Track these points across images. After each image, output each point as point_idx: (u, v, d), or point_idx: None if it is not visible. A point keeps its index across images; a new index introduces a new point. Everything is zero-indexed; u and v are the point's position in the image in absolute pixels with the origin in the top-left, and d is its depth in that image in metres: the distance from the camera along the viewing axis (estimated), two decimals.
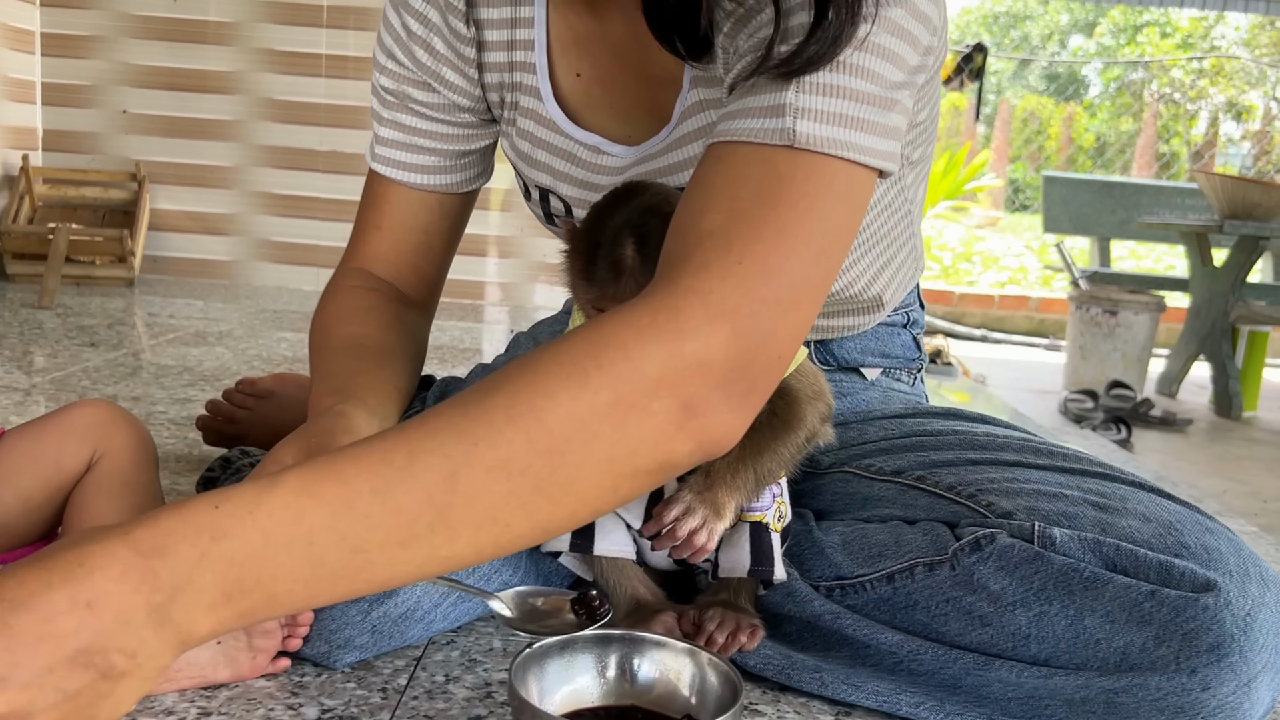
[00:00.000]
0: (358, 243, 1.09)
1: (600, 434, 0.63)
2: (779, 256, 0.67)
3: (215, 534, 0.57)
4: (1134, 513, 0.86)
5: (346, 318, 1.02)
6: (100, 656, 0.54)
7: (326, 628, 0.89)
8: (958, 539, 0.90)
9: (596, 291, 0.85)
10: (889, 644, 0.92)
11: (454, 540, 0.62)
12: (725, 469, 0.88)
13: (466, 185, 1.11)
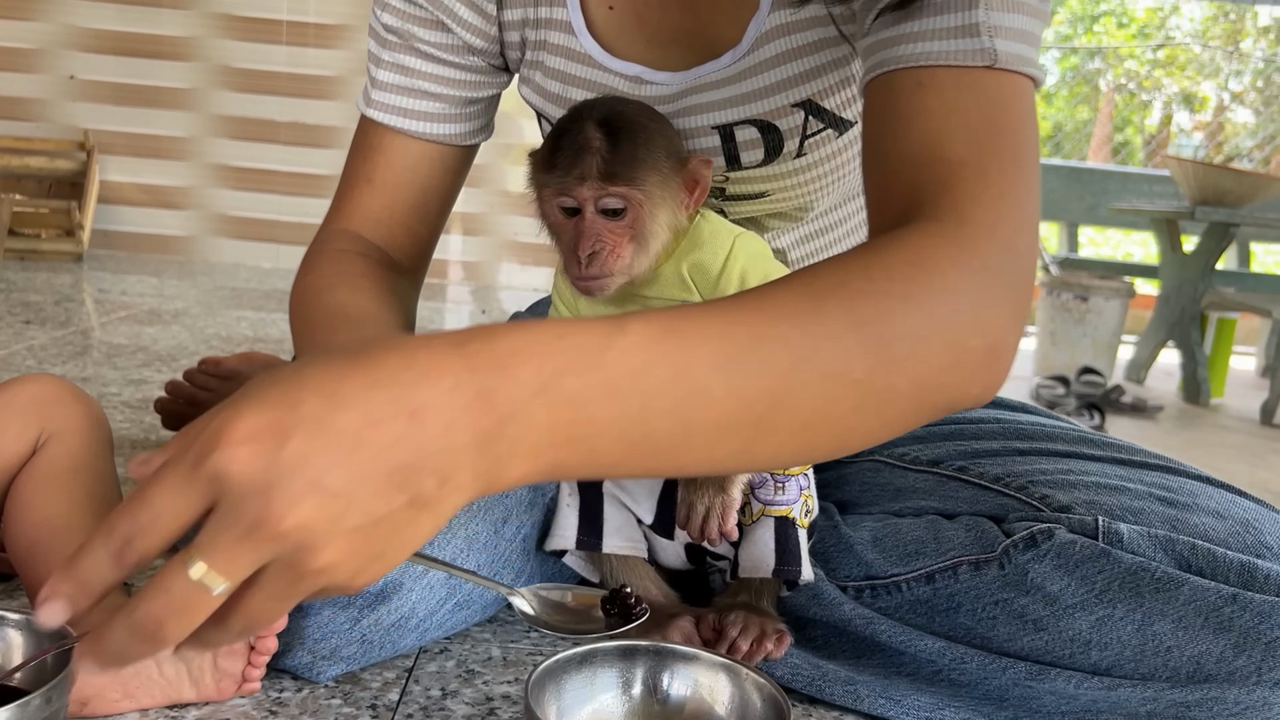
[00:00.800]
0: (346, 200, 0.98)
1: (927, 361, 0.60)
2: (1024, 186, 0.67)
3: (559, 367, 0.50)
4: (1206, 509, 0.79)
5: (334, 284, 0.92)
6: (414, 477, 0.47)
7: (310, 636, 0.80)
8: (1007, 535, 0.83)
9: (560, 175, 0.78)
10: (928, 651, 0.84)
11: (769, 438, 0.58)
12: None
13: (470, 138, 1.01)
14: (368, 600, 0.80)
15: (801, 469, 0.88)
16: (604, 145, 0.77)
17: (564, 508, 0.91)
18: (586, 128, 0.77)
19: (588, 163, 0.76)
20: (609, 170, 0.77)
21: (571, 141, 0.77)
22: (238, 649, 0.78)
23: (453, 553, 0.84)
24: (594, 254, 0.78)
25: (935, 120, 0.69)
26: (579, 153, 0.77)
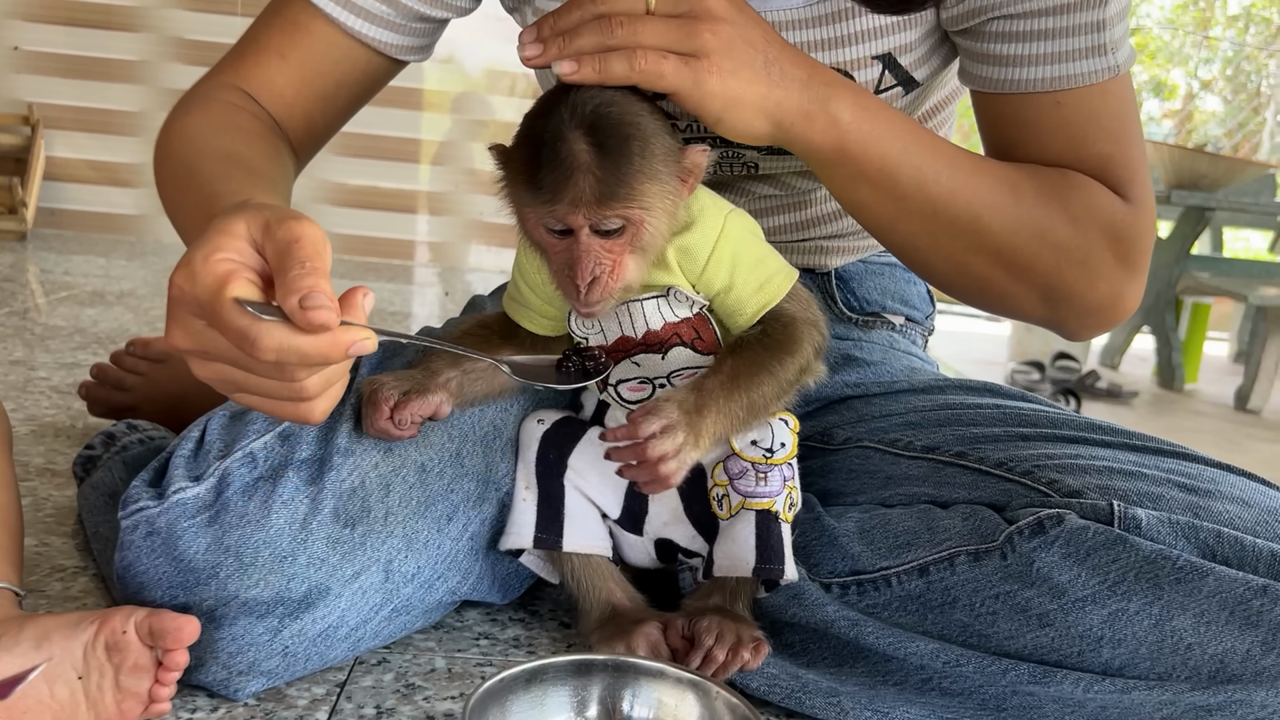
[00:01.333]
0: (247, 62, 0.89)
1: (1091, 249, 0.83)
2: (1143, 161, 0.85)
3: (868, 100, 0.77)
4: (1229, 496, 0.72)
5: (226, 130, 0.83)
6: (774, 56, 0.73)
7: (224, 649, 0.70)
8: (1010, 523, 0.75)
9: (548, 199, 0.67)
10: (919, 655, 0.76)
11: (962, 235, 0.81)
12: (719, 388, 0.71)
13: (407, 53, 0.92)
14: (289, 608, 0.71)
15: (785, 458, 0.79)
16: (595, 160, 0.66)
17: (520, 502, 0.82)
18: (571, 139, 0.66)
19: (579, 185, 0.66)
20: (604, 192, 0.66)
21: (556, 157, 0.66)
22: (143, 664, 0.68)
23: (389, 554, 0.75)
24: (594, 279, 0.68)
25: (1076, 130, 0.82)
26: (568, 172, 0.66)
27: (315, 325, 0.55)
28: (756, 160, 0.91)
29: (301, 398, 0.60)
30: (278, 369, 0.57)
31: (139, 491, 0.73)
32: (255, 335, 0.55)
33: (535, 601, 0.94)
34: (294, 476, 0.73)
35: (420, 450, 0.78)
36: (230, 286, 0.56)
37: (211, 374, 0.61)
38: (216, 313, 0.56)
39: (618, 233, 0.68)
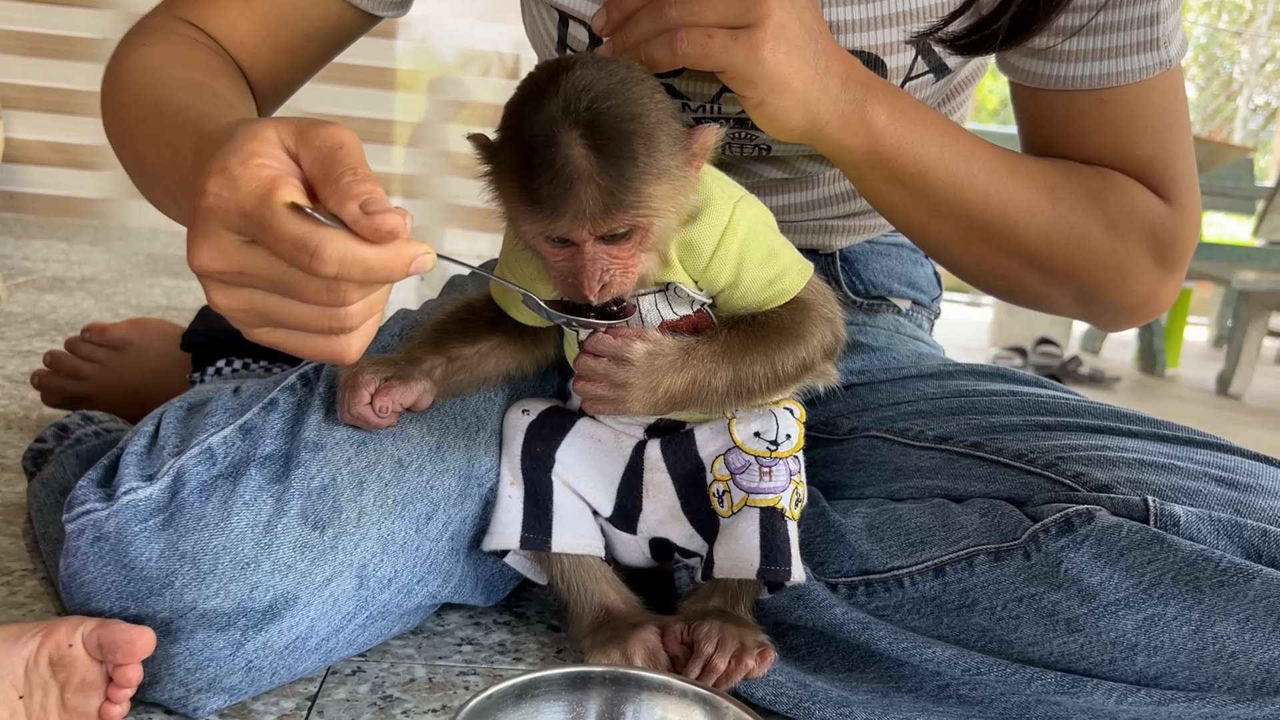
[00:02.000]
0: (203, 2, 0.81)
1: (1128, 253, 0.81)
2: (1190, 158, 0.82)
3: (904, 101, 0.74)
4: (1272, 491, 0.67)
5: (192, 65, 0.76)
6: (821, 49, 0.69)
7: (181, 665, 0.64)
8: (1034, 519, 0.70)
9: (547, 214, 0.60)
10: (935, 661, 0.71)
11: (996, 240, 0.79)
12: (706, 359, 0.66)
13: (379, 7, 0.85)
14: (253, 620, 0.64)
15: (791, 451, 0.74)
16: (596, 168, 0.59)
17: (505, 499, 0.76)
18: (567, 144, 0.58)
19: (581, 198, 0.59)
20: (610, 202, 0.59)
21: (552, 166, 0.59)
22: (91, 680, 0.62)
23: (363, 558, 0.69)
24: (604, 285, 0.63)
25: (1119, 129, 0.80)
26: (567, 184, 0.59)
27: (384, 231, 0.49)
28: (770, 142, 0.86)
29: (343, 327, 0.53)
30: (329, 290, 0.51)
31: (86, 492, 0.66)
32: (318, 243, 0.48)
33: (521, 603, 0.89)
34: (257, 474, 0.67)
35: (397, 444, 0.72)
36: (279, 191, 0.50)
37: (238, 302, 0.53)
38: (266, 221, 0.49)
39: (625, 237, 0.62)
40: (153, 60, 0.76)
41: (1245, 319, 3.74)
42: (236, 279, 0.52)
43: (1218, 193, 4.31)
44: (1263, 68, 8.05)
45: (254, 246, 0.51)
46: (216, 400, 0.72)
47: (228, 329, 1.18)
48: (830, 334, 0.71)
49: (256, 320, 0.54)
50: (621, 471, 0.75)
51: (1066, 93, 0.80)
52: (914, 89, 0.82)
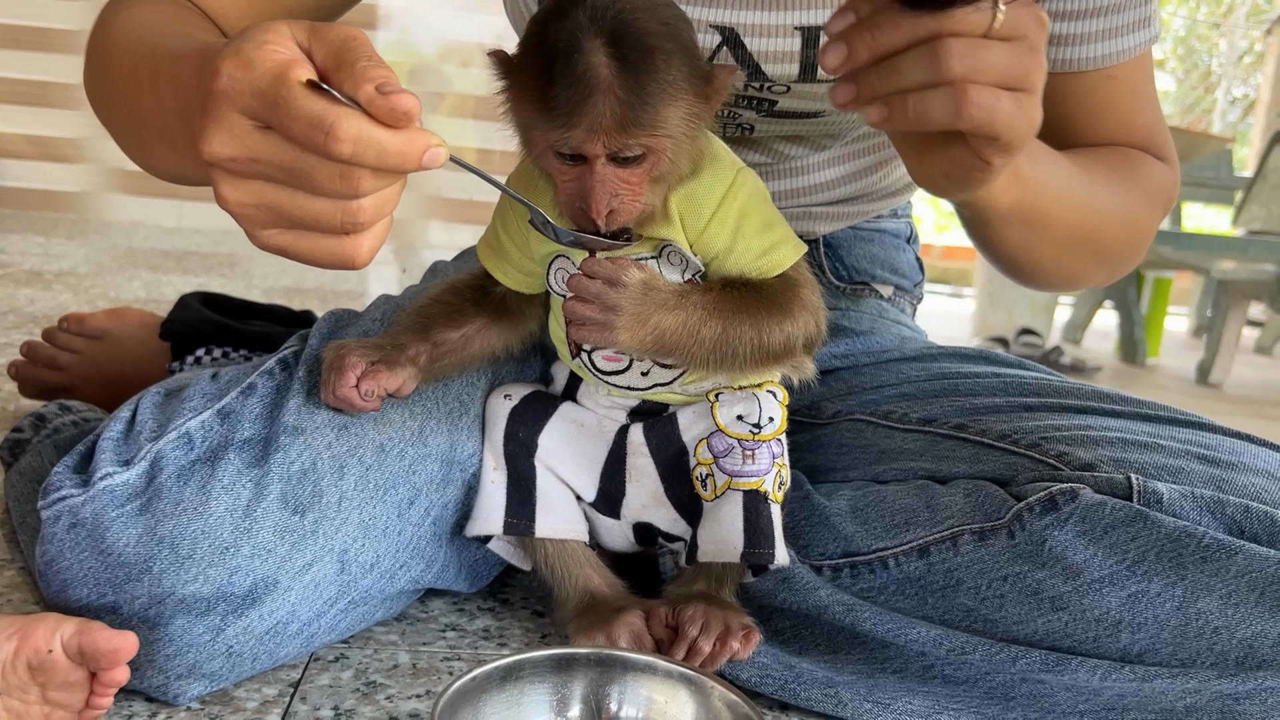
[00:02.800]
0: None
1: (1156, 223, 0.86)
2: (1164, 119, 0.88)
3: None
4: (1254, 468, 0.67)
5: (180, 19, 0.75)
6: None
7: (161, 652, 0.63)
8: (1018, 498, 0.70)
9: (561, 123, 0.59)
10: (920, 641, 0.71)
11: (1083, 248, 0.81)
12: (700, 299, 0.65)
13: None
14: (232, 605, 0.64)
15: (774, 434, 0.73)
16: (617, 79, 0.58)
17: (488, 484, 0.75)
18: (590, 53, 0.58)
19: (599, 108, 0.58)
20: (627, 116, 0.59)
21: (572, 73, 0.58)
22: (74, 680, 0.60)
23: (344, 542, 0.68)
24: (611, 211, 0.62)
25: (1125, 104, 0.84)
26: (586, 92, 0.58)
27: (399, 112, 0.48)
28: (753, 122, 0.85)
29: (355, 222, 0.51)
30: (342, 176, 0.49)
31: (61, 478, 0.65)
32: (334, 120, 0.47)
33: (505, 589, 0.88)
34: (235, 459, 0.66)
35: (379, 429, 0.71)
36: (295, 70, 0.49)
37: (247, 196, 0.52)
38: (281, 99, 0.48)
39: (636, 161, 0.61)
40: (144, 16, 0.75)
41: (1225, 308, 3.76)
42: (247, 167, 0.51)
43: (1197, 183, 4.34)
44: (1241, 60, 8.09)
45: (267, 132, 0.50)
46: (194, 385, 0.72)
47: (207, 318, 1.18)
48: (813, 323, 0.70)
49: (266, 218, 0.52)
50: (604, 456, 0.75)
51: (1076, 74, 0.82)
52: None
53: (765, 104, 0.82)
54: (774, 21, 0.77)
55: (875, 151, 0.96)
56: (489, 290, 0.74)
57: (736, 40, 0.78)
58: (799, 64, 0.78)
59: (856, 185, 0.97)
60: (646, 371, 0.72)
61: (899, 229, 1.03)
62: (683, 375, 0.73)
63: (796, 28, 0.77)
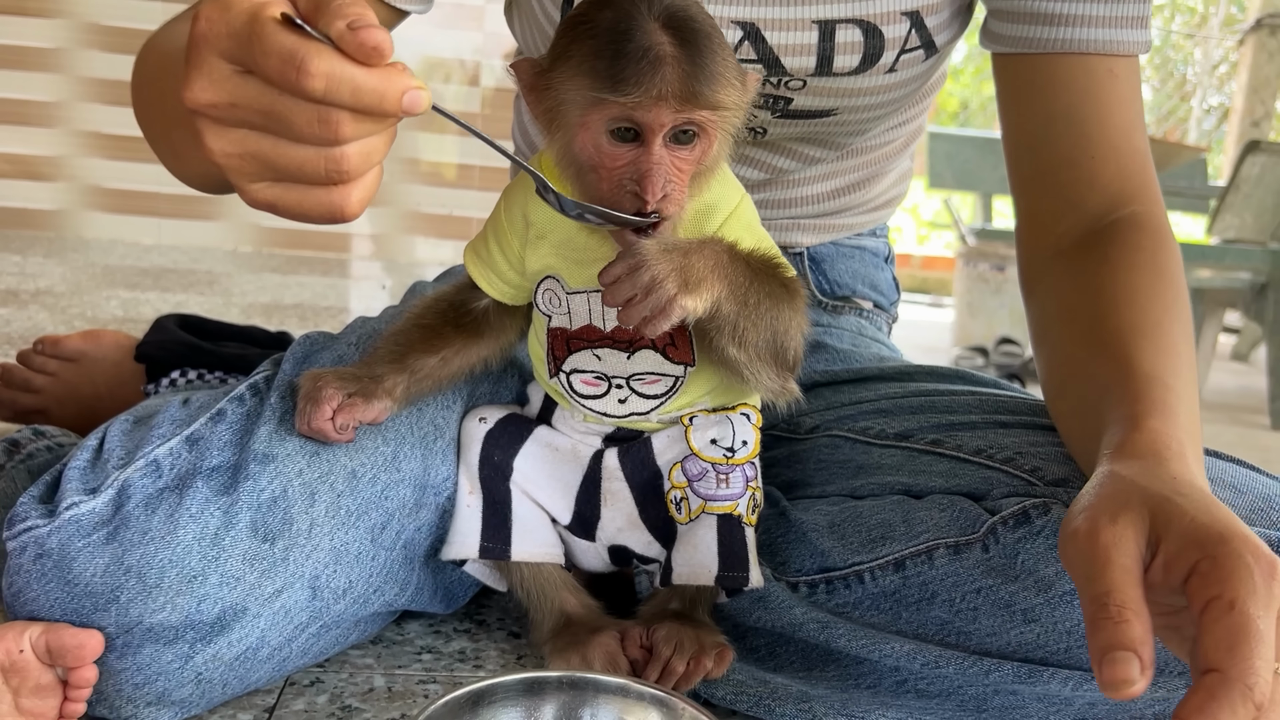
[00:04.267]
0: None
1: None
2: None
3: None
4: (1219, 482, 0.68)
5: None
6: None
7: (129, 680, 0.63)
8: (992, 513, 0.70)
9: (629, 90, 0.59)
10: (894, 656, 0.71)
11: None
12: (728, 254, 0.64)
13: (407, 2, 0.84)
14: (201, 633, 0.63)
15: (748, 457, 0.74)
16: (680, 55, 0.59)
17: (464, 509, 0.75)
18: (649, 29, 0.59)
19: (665, 77, 0.59)
20: (692, 88, 0.60)
21: (637, 47, 0.59)
22: (45, 683, 0.62)
23: (315, 569, 0.68)
24: (665, 196, 0.61)
25: (1125, 111, 0.80)
26: (653, 62, 0.59)
27: (369, 47, 0.47)
28: (767, 124, 0.87)
29: (339, 170, 0.50)
30: (320, 120, 0.48)
31: (27, 508, 0.65)
32: (305, 55, 0.47)
33: (482, 610, 0.88)
34: (204, 486, 0.66)
35: (351, 455, 0.71)
36: (270, 7, 0.48)
37: (232, 146, 0.51)
38: (255, 35, 0.48)
39: (690, 142, 0.62)
40: (182, 28, 0.75)
41: (1201, 316, 3.79)
42: (228, 113, 0.50)
43: (1172, 192, 4.36)
44: (1215, 69, 8.18)
45: (246, 76, 0.49)
46: (164, 412, 0.71)
47: (182, 340, 1.18)
48: (800, 334, 0.69)
49: (252, 169, 0.52)
50: (580, 480, 0.75)
51: (1080, 60, 0.79)
52: (907, 63, 0.83)
53: (781, 102, 0.84)
54: (793, 15, 0.80)
55: (866, 167, 0.98)
56: (469, 306, 0.74)
57: (757, 35, 0.80)
58: (816, 57, 0.81)
59: (844, 199, 0.98)
60: (624, 399, 0.72)
61: (878, 248, 1.04)
62: (659, 406, 0.73)
63: (814, 21, 0.79)
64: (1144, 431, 0.59)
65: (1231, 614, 0.47)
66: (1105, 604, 0.48)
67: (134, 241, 3.29)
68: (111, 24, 3.21)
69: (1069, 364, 0.72)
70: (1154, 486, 0.53)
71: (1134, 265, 0.73)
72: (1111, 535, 0.50)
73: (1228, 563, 0.48)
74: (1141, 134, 0.80)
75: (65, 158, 3.26)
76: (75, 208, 3.29)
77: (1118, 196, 0.78)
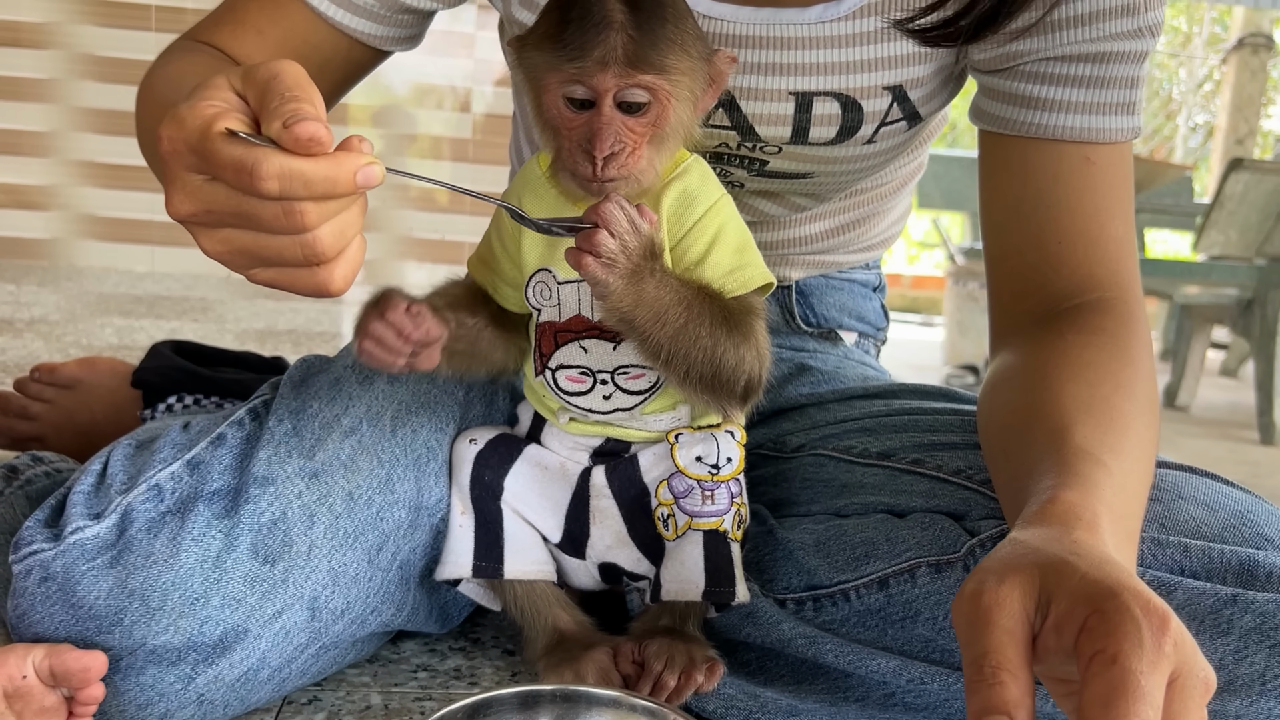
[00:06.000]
0: (222, 32, 0.84)
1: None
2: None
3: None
4: (1195, 499, 0.70)
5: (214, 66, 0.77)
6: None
7: (132, 701, 0.64)
8: (971, 533, 0.72)
9: (574, 55, 0.61)
10: (880, 672, 0.73)
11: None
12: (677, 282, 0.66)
13: (389, 44, 0.87)
14: (203, 654, 0.65)
15: (732, 474, 0.76)
16: (628, 21, 0.62)
17: (456, 529, 0.77)
18: (606, 1, 0.62)
19: (611, 42, 0.61)
20: (637, 54, 0.62)
21: (588, 15, 0.61)
22: (50, 704, 0.62)
23: (314, 590, 0.69)
24: (612, 155, 0.63)
25: (1101, 198, 0.78)
26: (599, 28, 0.61)
27: (304, 139, 0.50)
28: (744, 180, 0.88)
29: (315, 253, 0.53)
30: (284, 213, 0.51)
31: (33, 533, 0.67)
32: (253, 161, 0.50)
33: (476, 628, 0.89)
34: (205, 510, 0.68)
35: (348, 477, 0.72)
36: (219, 121, 0.52)
37: (221, 245, 0.54)
38: (208, 151, 0.51)
39: (642, 111, 0.64)
40: (179, 68, 0.79)
41: (1189, 333, 3.83)
42: (208, 218, 0.54)
43: (1159, 210, 4.41)
44: (1200, 87, 8.27)
45: (215, 182, 0.53)
46: (165, 437, 0.73)
47: (178, 365, 1.19)
48: (758, 365, 0.70)
49: (244, 260, 0.55)
50: (569, 499, 0.77)
51: (1055, 145, 0.78)
52: (887, 135, 0.84)
53: (756, 163, 0.85)
54: (769, 86, 0.80)
55: (861, 208, 0.99)
56: (489, 297, 0.76)
57: (733, 104, 0.81)
58: (791, 127, 0.82)
59: (839, 239, 1.00)
60: (609, 395, 0.73)
61: (868, 279, 1.06)
62: (643, 403, 0.74)
63: (791, 93, 0.80)
64: (1058, 503, 0.56)
65: (1112, 669, 0.44)
66: (981, 666, 0.46)
67: (128, 269, 3.30)
68: (105, 54, 3.24)
69: (1005, 434, 0.71)
70: (1050, 549, 0.51)
71: (1089, 345, 0.72)
72: (995, 596, 0.48)
73: (1115, 617, 0.45)
74: (1120, 221, 0.78)
75: (59, 187, 3.28)
76: (69, 236, 3.31)
77: (1086, 281, 0.77)
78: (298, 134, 0.50)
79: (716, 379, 0.68)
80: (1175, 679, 0.46)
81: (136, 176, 3.28)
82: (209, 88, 0.54)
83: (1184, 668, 0.46)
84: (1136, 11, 0.76)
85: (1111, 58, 0.77)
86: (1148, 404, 0.70)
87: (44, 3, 3.20)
